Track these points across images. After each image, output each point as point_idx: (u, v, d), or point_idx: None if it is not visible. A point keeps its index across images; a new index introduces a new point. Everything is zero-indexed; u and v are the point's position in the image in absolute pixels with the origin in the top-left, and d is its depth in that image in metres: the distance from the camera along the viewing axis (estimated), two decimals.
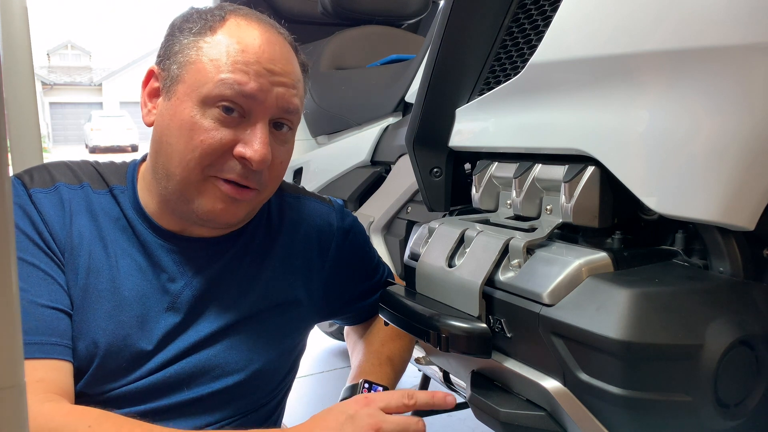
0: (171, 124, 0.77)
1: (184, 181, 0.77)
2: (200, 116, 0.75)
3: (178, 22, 0.81)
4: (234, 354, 0.84)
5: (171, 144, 0.77)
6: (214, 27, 0.78)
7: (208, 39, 0.77)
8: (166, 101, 0.78)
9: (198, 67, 0.76)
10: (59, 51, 36.44)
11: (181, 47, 0.78)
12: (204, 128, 0.75)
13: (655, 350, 0.59)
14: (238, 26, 0.78)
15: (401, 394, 0.74)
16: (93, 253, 0.79)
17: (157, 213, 0.82)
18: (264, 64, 0.76)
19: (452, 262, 0.82)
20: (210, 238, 0.85)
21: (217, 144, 0.75)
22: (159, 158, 0.79)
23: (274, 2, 2.03)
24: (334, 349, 2.46)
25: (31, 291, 0.74)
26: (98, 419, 0.68)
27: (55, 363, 0.73)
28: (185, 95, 0.76)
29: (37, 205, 0.78)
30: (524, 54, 0.83)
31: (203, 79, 0.75)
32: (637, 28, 0.64)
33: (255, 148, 0.75)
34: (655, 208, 0.64)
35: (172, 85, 0.78)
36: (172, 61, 0.78)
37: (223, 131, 0.75)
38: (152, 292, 0.81)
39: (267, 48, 0.77)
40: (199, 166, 0.76)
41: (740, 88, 0.57)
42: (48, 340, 0.73)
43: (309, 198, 0.99)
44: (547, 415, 0.72)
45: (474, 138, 0.90)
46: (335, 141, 1.68)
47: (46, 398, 0.68)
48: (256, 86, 0.75)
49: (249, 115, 0.77)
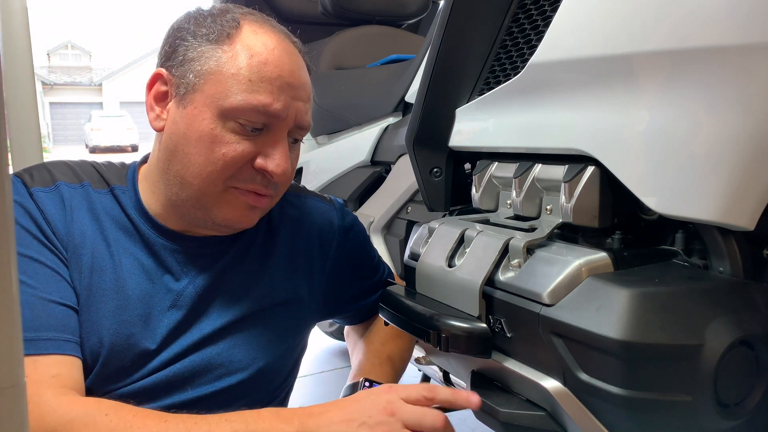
0: (188, 133, 0.76)
1: (202, 191, 0.78)
2: (221, 128, 0.75)
3: (188, 26, 0.79)
4: (237, 352, 0.85)
5: (189, 154, 0.77)
6: (231, 35, 0.77)
7: (226, 48, 0.76)
8: (181, 109, 0.77)
9: (218, 79, 0.75)
10: (59, 51, 36.43)
11: (197, 54, 0.77)
12: (225, 141, 0.75)
13: (655, 350, 0.59)
14: (255, 34, 0.78)
15: (423, 387, 0.73)
16: (96, 251, 0.79)
17: (161, 214, 0.83)
18: (285, 78, 0.77)
19: (452, 262, 0.82)
20: (213, 237, 0.85)
21: (239, 157, 0.76)
22: (173, 166, 0.79)
23: (274, 2, 2.03)
24: (334, 349, 2.46)
25: (41, 288, 0.74)
26: (115, 408, 0.69)
27: (68, 359, 0.74)
28: (204, 105, 0.76)
29: (38, 203, 0.78)
30: (524, 54, 0.83)
31: (224, 92, 0.75)
32: (637, 28, 0.64)
33: (277, 162, 0.77)
34: (655, 208, 0.64)
35: (188, 93, 0.77)
36: (187, 69, 0.77)
37: (244, 144, 0.76)
38: (155, 291, 0.81)
39: (286, 60, 0.78)
40: (220, 178, 0.77)
41: (740, 88, 0.57)
42: (61, 336, 0.73)
43: (310, 197, 0.99)
44: (547, 415, 0.72)
45: (474, 138, 0.90)
46: (335, 141, 1.68)
47: (62, 392, 0.70)
48: (281, 106, 0.76)
49: (268, 128, 0.78)
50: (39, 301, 0.73)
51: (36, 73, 1.81)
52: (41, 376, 0.70)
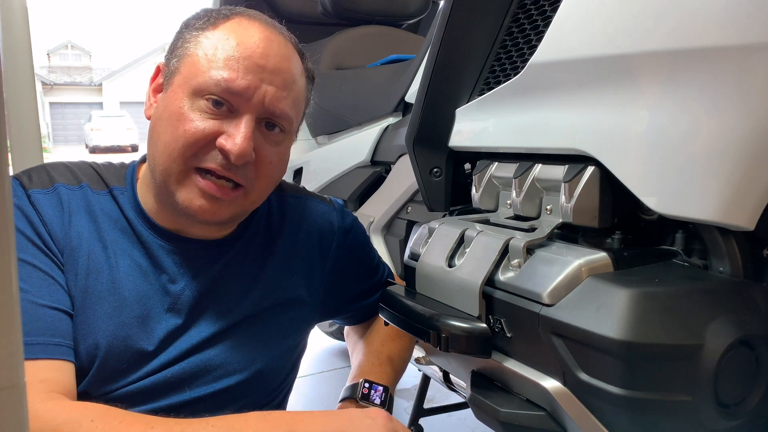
0: (163, 114, 0.78)
1: (166, 170, 0.77)
2: (188, 107, 0.76)
3: (189, 21, 0.82)
4: (236, 354, 0.84)
5: (159, 134, 0.78)
6: (216, 23, 0.79)
7: (208, 34, 0.78)
8: (164, 94, 0.80)
9: (193, 60, 0.77)
10: (59, 51, 36.42)
11: (183, 42, 0.79)
12: (190, 119, 0.75)
13: (655, 350, 0.59)
14: (240, 24, 0.79)
15: None
16: (92, 253, 0.79)
17: (156, 211, 0.82)
18: (256, 59, 0.76)
19: (452, 262, 0.82)
20: (211, 239, 0.85)
21: (200, 134, 0.75)
22: (149, 149, 0.80)
23: (274, 2, 2.03)
24: (334, 349, 2.46)
25: (32, 291, 0.74)
26: (101, 413, 0.69)
27: (57, 363, 0.73)
28: (179, 87, 0.77)
29: (36, 206, 0.78)
30: (524, 54, 0.83)
31: (196, 72, 0.76)
32: (637, 28, 0.64)
33: (235, 141, 0.75)
34: (655, 208, 0.64)
35: (170, 77, 0.79)
36: (173, 55, 0.80)
37: (208, 122, 0.76)
38: (153, 293, 0.81)
39: (262, 44, 0.77)
40: (181, 156, 0.76)
41: (740, 88, 0.57)
42: (51, 341, 0.73)
43: (310, 198, 0.99)
44: (547, 415, 0.72)
45: (474, 138, 0.90)
46: (335, 141, 1.68)
47: (49, 397, 0.69)
48: (244, 84, 0.75)
49: (236, 110, 0.77)
50: (30, 305, 0.73)
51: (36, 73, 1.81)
52: (29, 381, 0.69)
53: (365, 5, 1.92)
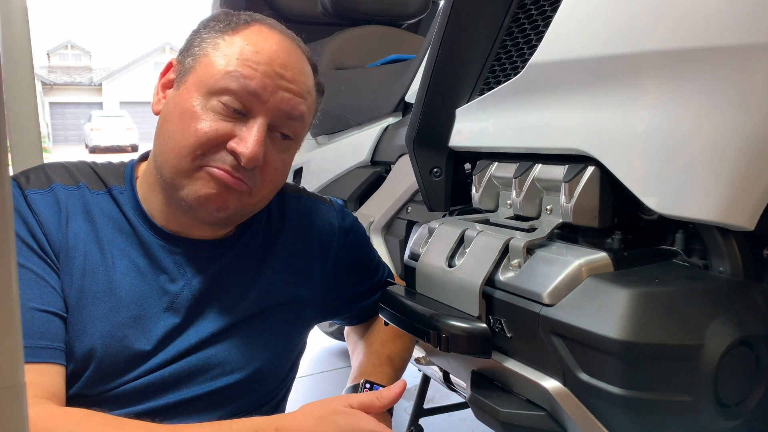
0: (174, 111, 0.78)
1: (175, 168, 0.77)
2: (202, 107, 0.76)
3: (206, 22, 0.82)
4: (234, 353, 0.84)
5: (169, 131, 0.78)
6: (237, 29, 0.79)
7: (227, 38, 0.78)
8: (175, 90, 0.80)
9: (210, 60, 0.77)
10: (59, 51, 36.40)
11: (200, 41, 0.80)
12: (203, 118, 0.75)
13: (656, 350, 0.59)
14: (261, 33, 0.79)
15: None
16: (88, 254, 0.79)
17: (158, 210, 0.82)
18: (275, 67, 0.77)
19: (452, 262, 0.82)
20: (212, 239, 0.85)
21: (213, 134, 0.75)
22: (156, 145, 0.80)
23: (274, 2, 2.03)
24: (334, 349, 2.46)
25: (22, 294, 0.73)
26: (81, 422, 0.68)
27: (45, 367, 0.72)
28: (193, 86, 0.77)
29: (32, 206, 0.77)
30: (524, 54, 0.83)
31: (213, 72, 0.76)
32: (637, 28, 0.64)
33: (248, 144, 0.75)
34: (655, 208, 0.64)
35: (184, 75, 0.79)
36: (188, 54, 0.80)
37: (221, 123, 0.76)
38: (150, 293, 0.80)
39: (282, 54, 0.78)
40: (191, 154, 0.75)
41: (740, 88, 0.57)
42: (38, 344, 0.72)
43: (310, 198, 0.99)
44: (547, 415, 0.72)
45: (474, 138, 0.90)
46: (335, 141, 1.68)
47: (32, 402, 0.67)
48: (261, 84, 0.76)
49: (250, 113, 0.77)
50: None
51: (36, 73, 1.81)
52: None
53: (365, 5, 1.93)
